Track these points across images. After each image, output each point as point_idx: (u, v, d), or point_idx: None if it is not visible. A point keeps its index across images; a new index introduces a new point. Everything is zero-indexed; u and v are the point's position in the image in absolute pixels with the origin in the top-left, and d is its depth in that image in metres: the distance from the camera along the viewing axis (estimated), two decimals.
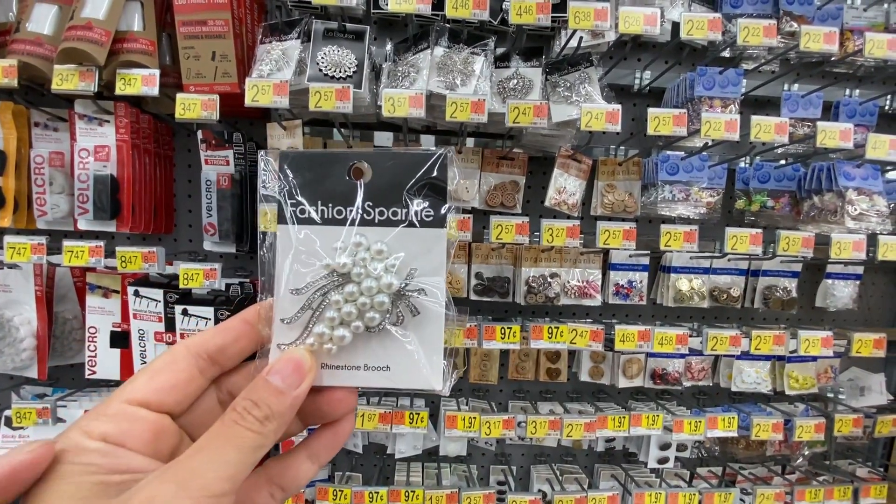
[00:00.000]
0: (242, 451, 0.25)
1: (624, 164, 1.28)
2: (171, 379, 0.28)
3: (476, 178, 1.23)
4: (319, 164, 0.30)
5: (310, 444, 0.30)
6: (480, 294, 1.26)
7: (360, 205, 0.30)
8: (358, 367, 0.30)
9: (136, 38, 1.04)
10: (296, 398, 0.27)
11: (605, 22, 1.00)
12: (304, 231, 0.30)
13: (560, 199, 1.22)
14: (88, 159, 1.09)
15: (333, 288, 0.29)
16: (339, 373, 0.29)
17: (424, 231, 0.30)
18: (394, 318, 0.30)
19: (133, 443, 0.26)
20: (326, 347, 0.29)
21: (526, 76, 1.08)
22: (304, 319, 0.29)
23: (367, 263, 0.29)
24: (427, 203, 0.30)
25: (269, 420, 0.26)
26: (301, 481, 0.30)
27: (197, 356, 0.28)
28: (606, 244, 1.08)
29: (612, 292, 1.33)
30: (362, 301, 0.29)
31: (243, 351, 0.30)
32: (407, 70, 1.04)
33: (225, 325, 0.30)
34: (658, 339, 1.11)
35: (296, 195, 0.30)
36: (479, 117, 1.00)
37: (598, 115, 1.02)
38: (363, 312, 0.29)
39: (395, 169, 0.30)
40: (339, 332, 0.29)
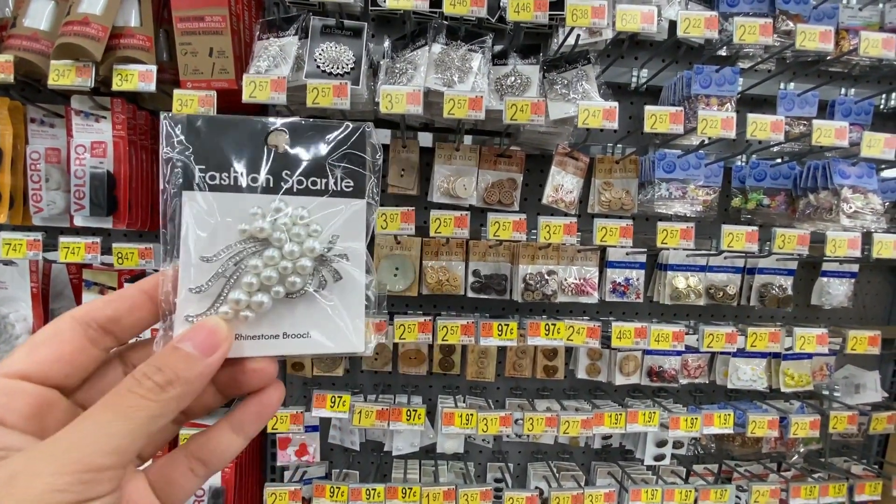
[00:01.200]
0: (133, 421, 0.23)
1: (621, 162, 1.28)
2: (56, 350, 0.25)
3: (474, 175, 1.23)
4: (233, 129, 0.29)
5: (234, 416, 0.28)
6: (478, 291, 1.26)
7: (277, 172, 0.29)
8: (276, 335, 0.29)
9: (133, 34, 1.04)
10: (207, 366, 0.25)
11: (602, 19, 1.00)
12: (215, 197, 0.28)
13: (557, 196, 1.22)
14: (85, 155, 1.09)
15: (251, 254, 0.28)
16: (257, 343, 0.28)
17: (345, 201, 0.30)
18: (316, 283, 0.29)
19: (11, 418, 0.23)
20: (243, 315, 0.28)
21: (523, 73, 1.08)
22: (216, 288, 0.28)
23: (288, 228, 0.29)
24: (347, 174, 0.30)
25: (171, 385, 0.24)
26: (226, 455, 0.28)
27: (85, 325, 0.26)
28: (603, 241, 1.08)
29: (609, 290, 1.34)
30: (284, 265, 0.28)
31: (140, 321, 0.28)
32: (405, 67, 1.04)
33: (119, 294, 0.27)
34: (654, 335, 1.11)
35: (205, 160, 0.28)
36: (476, 114, 1.00)
37: (596, 113, 1.02)
38: (284, 277, 0.28)
39: (315, 139, 0.30)
40: (258, 297, 0.28)
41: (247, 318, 0.28)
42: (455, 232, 1.04)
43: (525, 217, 1.06)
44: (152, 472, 0.27)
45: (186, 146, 0.28)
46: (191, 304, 0.27)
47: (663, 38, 1.31)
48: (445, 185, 1.22)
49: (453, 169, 1.23)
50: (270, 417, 0.29)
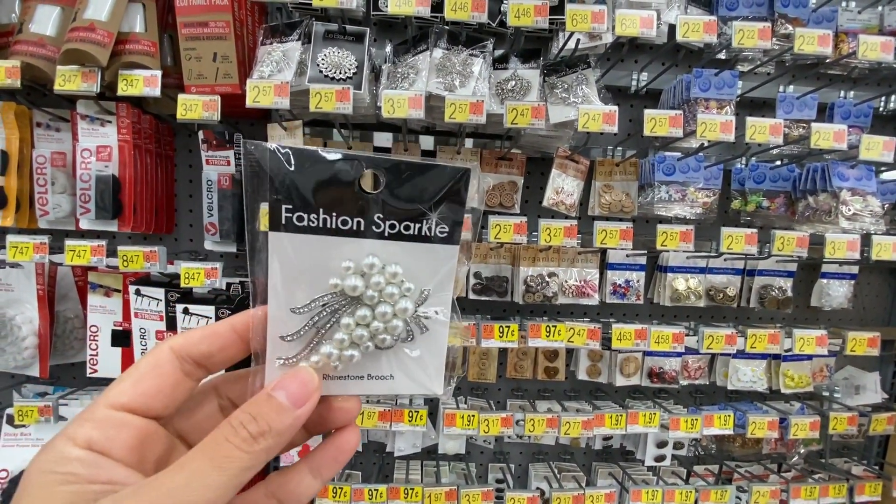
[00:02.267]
0: (227, 473, 0.23)
1: (621, 165, 1.29)
2: (157, 383, 0.26)
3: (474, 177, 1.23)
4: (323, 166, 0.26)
5: (313, 458, 0.29)
6: (479, 293, 1.27)
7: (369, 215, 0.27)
8: (362, 376, 0.29)
9: (139, 40, 1.05)
10: (297, 418, 0.26)
11: (602, 24, 1.01)
12: (303, 240, 0.27)
13: (558, 199, 1.23)
14: (90, 159, 1.10)
15: (341, 308, 0.28)
16: (343, 383, 0.29)
17: (438, 247, 0.29)
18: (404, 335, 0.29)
19: (118, 451, 0.25)
20: (333, 365, 0.28)
21: (524, 78, 1.09)
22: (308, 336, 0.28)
23: (380, 288, 0.28)
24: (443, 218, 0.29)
25: (263, 437, 0.24)
26: (302, 497, 0.28)
27: (182, 360, 0.27)
28: (604, 244, 1.09)
29: (610, 292, 1.35)
30: (375, 326, 0.28)
31: (231, 359, 0.29)
32: (406, 71, 1.05)
33: (213, 330, 0.28)
34: (655, 337, 1.12)
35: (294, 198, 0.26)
36: (477, 118, 1.01)
37: (596, 117, 1.03)
38: (375, 335, 0.28)
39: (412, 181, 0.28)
40: (349, 352, 0.28)
41: (336, 368, 0.28)
42: None
43: (526, 220, 1.07)
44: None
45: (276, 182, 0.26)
46: (281, 348, 0.27)
47: (663, 41, 1.32)
48: None
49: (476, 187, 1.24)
50: (347, 461, 0.29)
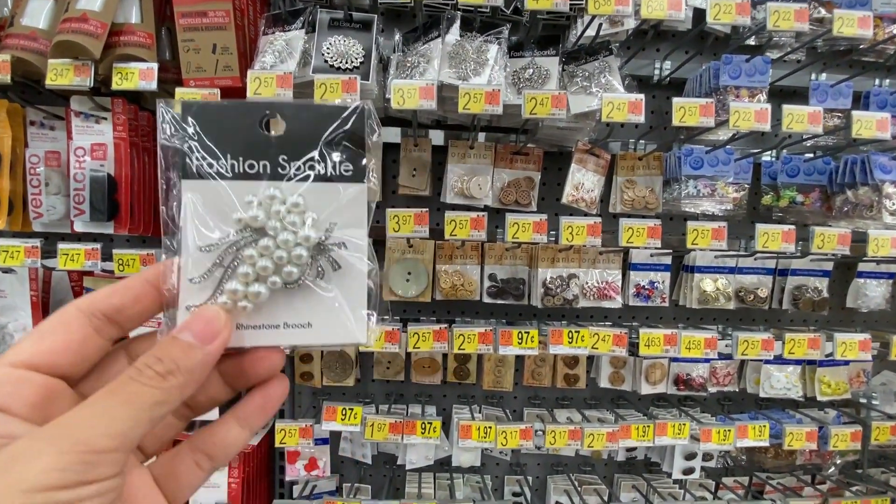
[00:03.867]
0: (134, 407, 0.23)
1: (644, 159, 1.22)
2: (63, 340, 0.25)
3: (489, 174, 1.17)
4: (228, 115, 0.28)
5: (239, 409, 0.28)
6: (494, 297, 1.20)
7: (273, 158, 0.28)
8: (277, 325, 0.28)
9: (134, 31, 0.99)
10: (207, 354, 0.25)
11: (626, 7, 0.94)
12: (211, 186, 0.28)
13: (578, 195, 1.16)
14: (85, 158, 1.05)
15: (247, 243, 0.28)
16: (258, 332, 0.28)
17: (343, 186, 0.29)
18: (314, 272, 0.28)
19: (18, 408, 0.23)
20: (241, 305, 0.27)
21: (542, 66, 1.03)
22: (215, 278, 0.27)
23: (282, 217, 0.28)
24: (345, 157, 0.29)
25: (172, 375, 0.24)
26: (231, 448, 0.28)
27: (90, 315, 0.26)
28: (629, 243, 1.01)
29: (633, 294, 1.27)
30: (279, 255, 0.27)
31: (144, 312, 0.27)
32: (416, 60, 0.99)
33: (123, 284, 0.27)
34: (685, 343, 1.04)
35: (202, 148, 0.27)
36: (493, 108, 0.94)
37: (621, 106, 0.96)
38: (280, 267, 0.28)
39: (311, 121, 0.29)
40: (255, 287, 0.27)
41: (245, 309, 0.27)
42: (471, 234, 0.98)
43: (545, 218, 1.00)
44: (157, 467, 0.27)
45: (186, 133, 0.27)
46: (191, 295, 0.27)
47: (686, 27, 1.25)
48: (459, 184, 1.16)
49: (467, 168, 1.17)
50: (275, 410, 0.29)
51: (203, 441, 0.27)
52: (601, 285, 1.21)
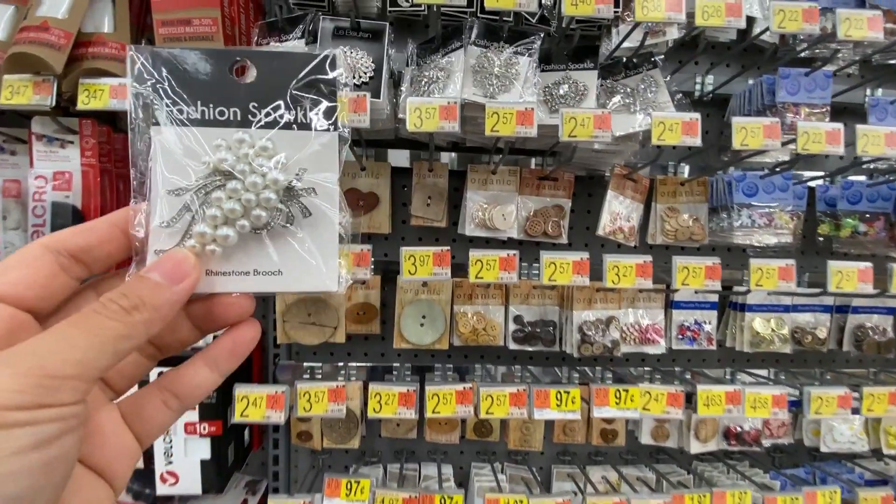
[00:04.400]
0: (97, 338, 0.22)
1: (687, 185, 1.08)
2: (29, 274, 0.24)
3: (513, 202, 1.02)
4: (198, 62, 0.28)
5: (208, 352, 0.28)
6: (521, 342, 1.04)
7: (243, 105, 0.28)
8: (248, 271, 0.28)
9: (105, 42, 0.86)
10: (175, 293, 0.25)
11: (679, 13, 0.81)
12: (181, 132, 0.27)
13: (615, 226, 1.02)
14: (46, 189, 0.90)
15: (215, 187, 0.27)
16: (228, 279, 0.28)
17: (315, 133, 0.29)
18: (283, 218, 0.28)
19: None
20: (209, 249, 0.27)
21: (578, 80, 0.89)
22: (184, 223, 0.27)
23: (251, 160, 0.27)
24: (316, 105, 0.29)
25: (136, 310, 0.23)
26: (199, 390, 0.27)
27: (56, 252, 0.25)
28: (685, 284, 0.87)
29: (676, 335, 1.12)
30: (247, 197, 0.27)
31: (111, 254, 0.27)
32: (434, 75, 0.85)
33: (88, 226, 0.27)
34: (750, 401, 0.89)
35: (172, 94, 0.27)
36: (526, 130, 0.80)
37: (673, 127, 0.82)
38: (248, 210, 0.27)
39: (281, 68, 0.29)
40: (223, 230, 0.27)
41: (214, 253, 0.27)
42: (501, 276, 0.84)
43: (587, 256, 0.85)
44: (125, 404, 0.27)
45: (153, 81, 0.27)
46: (160, 239, 0.27)
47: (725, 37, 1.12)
48: (480, 214, 1.01)
49: (489, 196, 1.03)
50: (245, 355, 0.28)
51: (171, 381, 0.27)
52: (643, 328, 1.07)
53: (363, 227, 1.04)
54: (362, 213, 1.03)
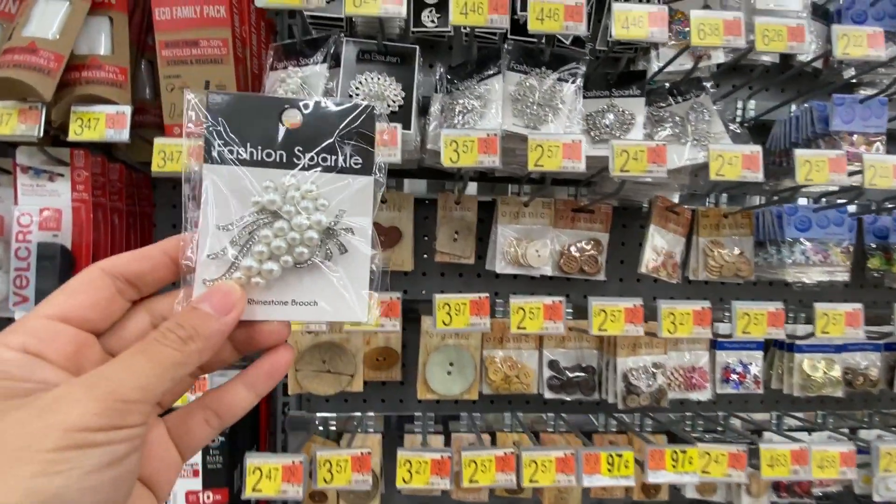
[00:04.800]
0: (159, 365, 0.25)
1: (731, 217, 1.01)
2: (91, 296, 0.26)
3: (548, 237, 0.94)
4: (249, 107, 0.30)
5: (247, 374, 0.30)
6: (558, 391, 0.95)
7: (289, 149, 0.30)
8: (286, 302, 0.30)
9: (101, 65, 0.77)
10: (223, 324, 0.27)
11: (738, 37, 0.74)
12: (231, 171, 0.30)
13: (658, 262, 0.94)
14: (31, 227, 0.80)
15: (263, 224, 0.30)
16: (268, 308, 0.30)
17: (353, 177, 0.31)
18: (323, 254, 0.31)
19: (53, 356, 0.25)
20: (255, 281, 0.29)
21: (625, 109, 0.82)
22: (231, 255, 0.29)
23: (296, 202, 0.30)
24: (355, 151, 0.31)
25: (191, 340, 0.26)
26: (237, 409, 0.29)
27: (114, 278, 0.27)
28: (746, 332, 0.79)
29: (721, 378, 1.04)
30: (292, 236, 0.30)
31: (161, 280, 0.29)
32: (470, 104, 0.77)
33: (142, 253, 0.29)
34: (818, 460, 0.80)
35: (224, 135, 0.30)
36: (574, 165, 0.72)
37: (733, 160, 0.75)
38: (292, 247, 0.30)
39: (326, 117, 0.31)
40: (268, 265, 0.30)
41: (258, 285, 0.29)
42: (546, 327, 0.75)
43: (640, 303, 0.77)
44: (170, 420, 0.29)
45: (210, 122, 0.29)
46: (208, 269, 0.29)
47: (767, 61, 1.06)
48: (512, 250, 0.93)
49: (521, 230, 0.94)
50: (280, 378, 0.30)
51: (213, 401, 0.29)
52: (688, 372, 0.98)
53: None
54: (383, 249, 0.94)
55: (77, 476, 0.20)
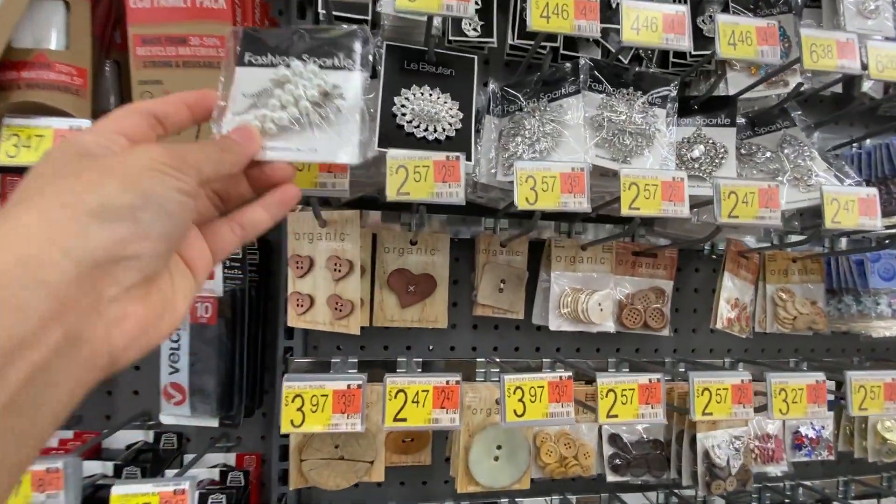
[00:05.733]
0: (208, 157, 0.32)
1: (800, 262, 0.89)
2: (136, 122, 0.32)
3: (608, 286, 0.79)
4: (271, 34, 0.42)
5: (264, 199, 0.37)
6: (623, 472, 0.79)
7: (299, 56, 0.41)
8: (291, 149, 0.39)
9: (51, 63, 0.57)
10: (245, 149, 0.36)
11: (853, 60, 0.63)
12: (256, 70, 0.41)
13: (733, 315, 0.81)
14: None
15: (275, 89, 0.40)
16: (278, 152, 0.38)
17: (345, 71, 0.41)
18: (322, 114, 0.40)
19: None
20: (267, 126, 0.38)
21: (715, 140, 0.69)
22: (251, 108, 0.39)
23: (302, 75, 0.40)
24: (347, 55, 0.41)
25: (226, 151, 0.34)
26: (257, 224, 0.37)
27: (147, 114, 0.32)
28: (863, 409, 0.66)
29: (792, 445, 0.91)
30: (297, 93, 0.39)
31: (181, 123, 0.35)
32: (542, 128, 0.62)
33: (165, 100, 0.34)
34: None
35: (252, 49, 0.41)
36: (675, 208, 0.58)
37: (849, 205, 0.63)
38: (298, 101, 0.39)
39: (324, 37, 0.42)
40: (278, 113, 0.38)
41: (270, 130, 0.38)
42: (642, 412, 0.59)
43: (749, 378, 0.62)
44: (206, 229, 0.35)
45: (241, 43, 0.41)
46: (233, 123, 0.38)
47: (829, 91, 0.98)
48: (570, 302, 0.77)
49: (578, 278, 0.79)
50: (290, 205, 0.38)
51: (238, 215, 0.37)
52: (764, 443, 0.85)
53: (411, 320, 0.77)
54: (414, 300, 0.76)
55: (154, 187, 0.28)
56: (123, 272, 0.26)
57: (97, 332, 0.25)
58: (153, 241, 0.27)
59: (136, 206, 0.26)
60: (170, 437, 0.80)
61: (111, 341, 0.26)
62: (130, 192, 0.26)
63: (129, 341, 0.27)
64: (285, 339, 0.78)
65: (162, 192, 0.28)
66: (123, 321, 0.27)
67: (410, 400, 0.53)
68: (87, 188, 0.26)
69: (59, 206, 0.25)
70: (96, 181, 0.26)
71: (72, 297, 0.24)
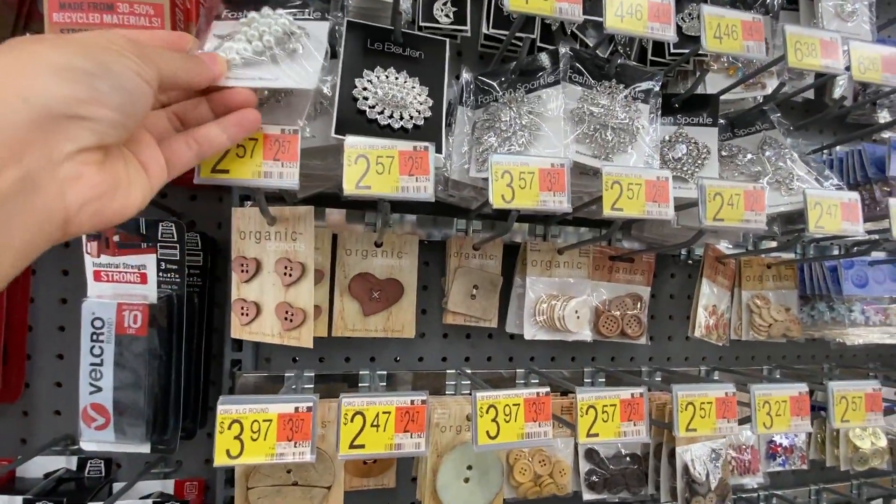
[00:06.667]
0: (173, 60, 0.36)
1: (774, 268, 0.88)
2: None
3: (585, 293, 0.75)
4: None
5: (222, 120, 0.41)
6: (600, 489, 0.75)
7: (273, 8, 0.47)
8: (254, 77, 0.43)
9: None
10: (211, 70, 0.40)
11: (835, 60, 0.61)
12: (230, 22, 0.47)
13: (711, 322, 0.78)
14: None
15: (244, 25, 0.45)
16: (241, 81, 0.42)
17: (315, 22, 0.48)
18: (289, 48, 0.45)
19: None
20: (232, 57, 0.42)
21: (697, 139, 0.66)
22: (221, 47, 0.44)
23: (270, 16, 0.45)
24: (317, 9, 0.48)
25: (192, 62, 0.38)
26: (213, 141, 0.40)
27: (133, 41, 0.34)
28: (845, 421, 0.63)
29: (766, 454, 0.89)
30: (262, 29, 0.44)
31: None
32: (517, 120, 0.57)
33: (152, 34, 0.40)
34: None
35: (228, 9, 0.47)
36: (660, 210, 0.54)
37: (832, 209, 0.61)
38: (262, 35, 0.43)
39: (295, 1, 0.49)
40: (243, 44, 0.43)
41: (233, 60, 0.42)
42: (624, 430, 0.54)
43: (732, 391, 0.59)
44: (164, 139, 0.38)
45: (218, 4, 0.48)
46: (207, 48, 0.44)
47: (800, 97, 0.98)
48: (545, 309, 0.73)
49: (554, 283, 0.75)
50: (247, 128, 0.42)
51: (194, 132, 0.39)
52: (740, 453, 0.82)
53: (375, 329, 0.70)
54: (378, 308, 0.69)
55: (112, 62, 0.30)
56: (78, 130, 0.28)
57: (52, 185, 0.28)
58: (108, 110, 0.30)
59: (94, 73, 0.29)
60: (96, 464, 0.70)
61: (65, 198, 0.28)
62: (90, 61, 0.29)
63: (82, 203, 0.29)
64: (233, 350, 0.69)
65: (119, 69, 0.30)
66: (77, 181, 0.29)
67: (369, 423, 0.46)
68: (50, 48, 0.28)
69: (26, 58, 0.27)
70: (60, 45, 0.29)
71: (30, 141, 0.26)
